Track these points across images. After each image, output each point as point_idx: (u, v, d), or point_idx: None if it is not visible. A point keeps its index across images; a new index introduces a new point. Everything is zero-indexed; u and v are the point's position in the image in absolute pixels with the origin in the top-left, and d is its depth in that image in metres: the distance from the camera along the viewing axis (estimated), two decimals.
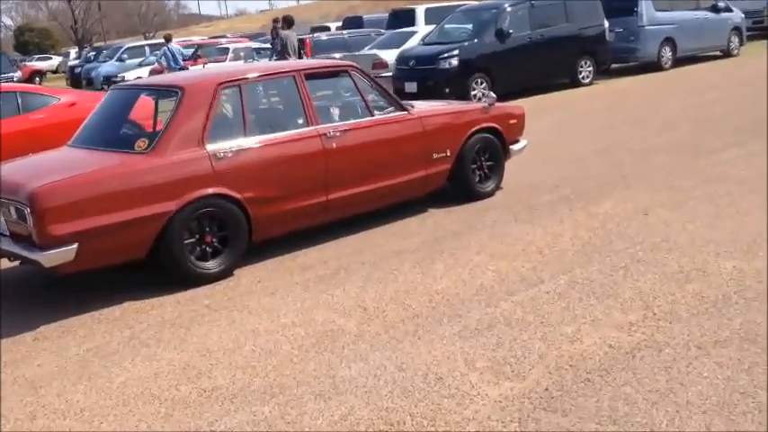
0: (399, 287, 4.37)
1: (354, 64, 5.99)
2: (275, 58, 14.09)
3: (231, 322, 4.00)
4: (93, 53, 30.31)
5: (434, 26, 15.25)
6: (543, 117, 11.22)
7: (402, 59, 13.75)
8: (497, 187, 6.43)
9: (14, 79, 21.61)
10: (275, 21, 15.20)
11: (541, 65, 13.77)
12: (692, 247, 4.63)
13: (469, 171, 6.17)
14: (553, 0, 14.49)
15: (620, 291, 4.03)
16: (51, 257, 4.15)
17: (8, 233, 4.40)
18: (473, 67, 12.98)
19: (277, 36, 14.39)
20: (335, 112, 5.79)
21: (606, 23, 14.82)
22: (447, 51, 13.00)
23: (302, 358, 3.48)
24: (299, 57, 13.44)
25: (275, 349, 3.60)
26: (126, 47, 26.94)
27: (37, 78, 36.39)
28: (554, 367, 3.24)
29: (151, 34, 69.04)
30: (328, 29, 24.96)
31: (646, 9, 15.71)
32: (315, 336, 3.74)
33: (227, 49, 21.19)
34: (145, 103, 5.51)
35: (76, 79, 27.13)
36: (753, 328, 3.43)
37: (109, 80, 23.94)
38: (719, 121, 8.74)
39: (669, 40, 15.99)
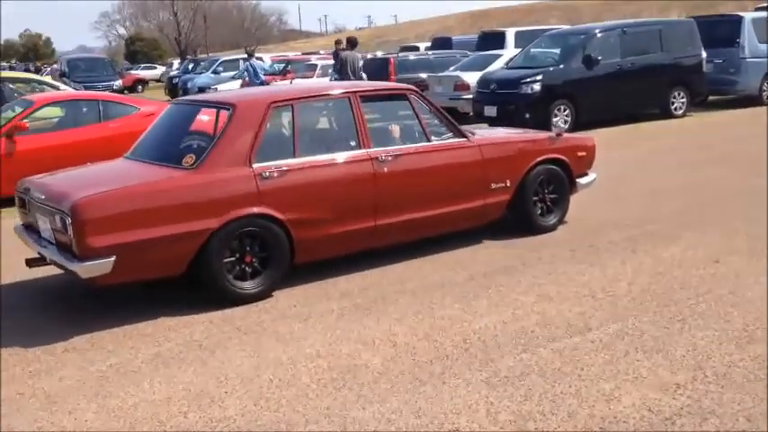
0: (435, 323, 4.17)
1: (413, 87, 5.84)
2: (336, 77, 14.04)
3: (257, 348, 3.90)
4: (192, 65, 31.43)
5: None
6: (625, 149, 10.79)
7: (483, 82, 13.52)
8: (560, 222, 6.12)
9: (113, 87, 22.61)
10: (337, 42, 15.12)
11: (631, 94, 13.23)
12: (762, 302, 4.23)
13: (530, 203, 5.90)
14: (647, 27, 13.97)
15: (672, 346, 3.70)
16: (88, 269, 4.17)
17: (54, 241, 4.47)
18: (556, 94, 12.59)
19: (338, 57, 14.31)
20: (390, 135, 5.66)
21: (704, 54, 14.13)
22: (530, 76, 12.67)
23: (318, 394, 3.34)
24: (359, 77, 13.30)
25: (293, 381, 3.47)
26: (221, 60, 27.77)
27: (139, 87, 38.24)
28: (582, 428, 2.97)
29: (252, 48, 71.36)
30: (417, 49, 24.99)
31: (748, 40, 14.88)
32: (337, 370, 3.59)
33: (316, 65, 21.48)
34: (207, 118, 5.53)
35: (174, 89, 28.14)
36: None
37: (203, 91, 24.77)
38: None
39: None
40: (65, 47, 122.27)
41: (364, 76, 14.02)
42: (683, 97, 13.97)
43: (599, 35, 13.45)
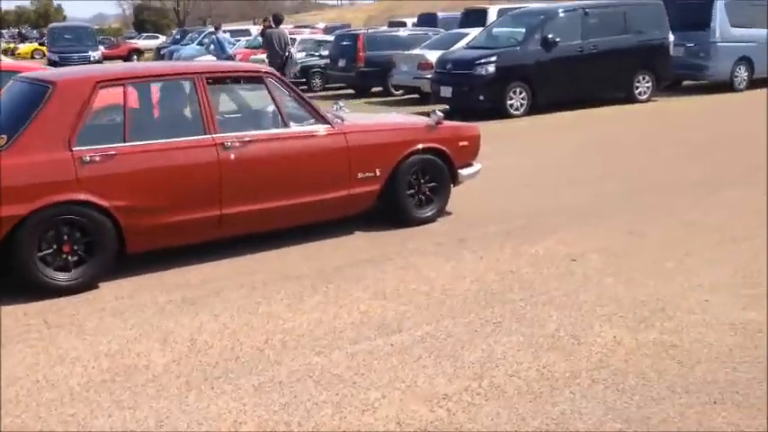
0: (251, 320, 4.06)
1: (271, 70, 5.60)
2: (267, 55, 14.15)
3: (52, 343, 3.81)
4: (179, 35, 31.24)
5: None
6: (565, 135, 10.61)
7: (441, 62, 13.27)
8: (439, 213, 5.95)
9: (91, 59, 22.43)
10: (265, 20, 15.36)
11: (592, 77, 12.93)
12: (588, 306, 4.10)
13: (403, 194, 5.71)
14: (611, 8, 13.64)
15: (468, 352, 3.58)
16: None
17: None
18: (511, 76, 12.33)
19: (264, 35, 14.46)
20: (242, 120, 5.48)
21: (671, 37, 13.80)
22: (484, 57, 12.42)
23: (74, 398, 3.24)
24: (287, 54, 13.54)
25: (59, 383, 3.37)
26: (207, 31, 27.53)
27: (135, 56, 38.07)
28: None
29: (260, 19, 70.75)
30: (404, 24, 24.63)
31: (720, 24, 14.54)
32: (114, 371, 3.50)
33: (295, 40, 21.23)
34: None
35: (162, 60, 28.01)
36: (568, 420, 2.94)
37: None
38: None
39: (745, 60, 14.76)
40: (82, 14, 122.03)
41: (293, 51, 14.20)
42: (647, 82, 13.68)
43: (559, 16, 13.13)
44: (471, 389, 3.23)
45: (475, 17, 18.62)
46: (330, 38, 19.98)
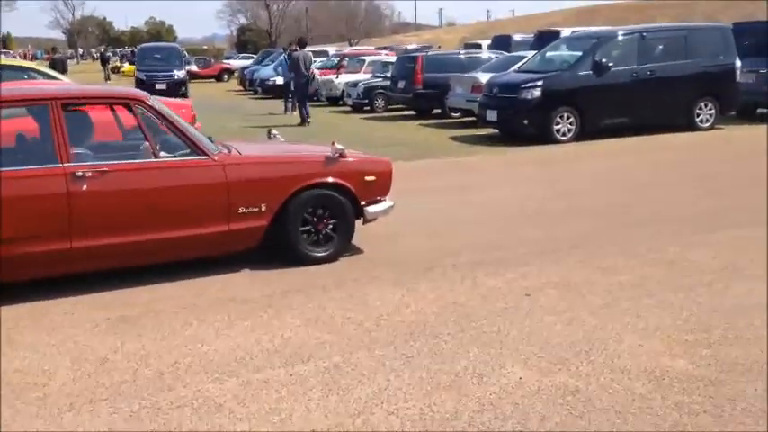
0: (172, 342, 4.09)
1: (141, 96, 5.21)
2: (292, 75, 15.39)
3: None
4: (262, 57, 32.18)
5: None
6: (601, 162, 10.26)
7: (488, 86, 13.12)
8: (339, 252, 5.50)
9: (175, 77, 23.31)
10: (290, 44, 17.09)
11: (648, 104, 12.47)
12: (512, 344, 3.91)
13: (294, 231, 5.30)
14: (671, 33, 13.10)
15: (363, 387, 3.47)
16: None
17: None
18: (558, 101, 12.03)
19: (290, 57, 15.60)
20: (104, 149, 5.24)
21: (738, 62, 13.09)
22: (531, 81, 12.18)
23: None
24: (310, 75, 15.07)
25: None
26: (278, 52, 28.21)
27: (225, 76, 39.55)
28: None
29: (356, 41, 72.05)
30: (479, 46, 24.50)
31: None
32: (13, 386, 3.60)
33: (364, 61, 21.52)
34: None
35: (245, 80, 28.96)
36: None
37: (263, 84, 25.34)
38: None
39: None
40: (195, 35, 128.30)
41: (316, 73, 15.82)
42: (710, 109, 13.04)
43: (614, 40, 12.76)
44: (343, 425, 3.14)
45: (548, 39, 18.31)
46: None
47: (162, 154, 5.05)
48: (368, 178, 5.60)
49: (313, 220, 5.41)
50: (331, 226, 5.48)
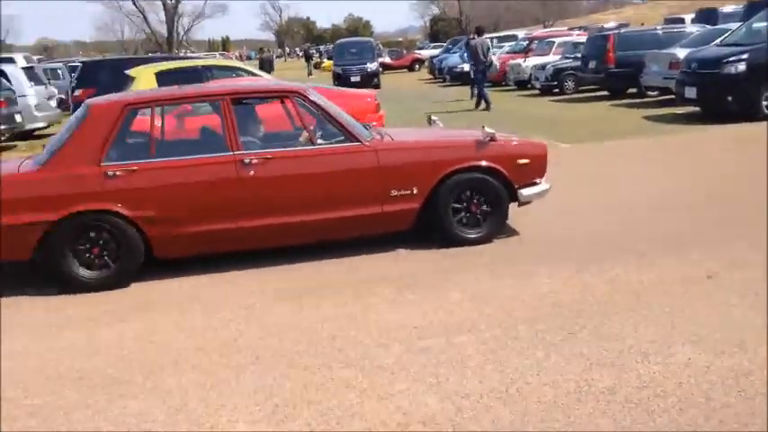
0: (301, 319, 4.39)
1: (299, 89, 5.55)
2: (472, 63, 15.69)
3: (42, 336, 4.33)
4: (451, 45, 32.36)
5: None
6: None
7: (687, 61, 12.26)
8: (492, 234, 5.53)
9: (368, 70, 24.10)
10: (470, 32, 16.72)
11: None
12: (676, 327, 3.74)
13: (446, 213, 5.40)
14: None
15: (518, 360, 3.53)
16: None
17: None
18: (767, 75, 11.00)
19: (468, 45, 15.86)
20: (267, 138, 5.64)
21: None
22: (734, 54, 11.24)
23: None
24: (488, 61, 15.34)
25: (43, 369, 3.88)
26: (465, 40, 28.14)
27: (416, 66, 40.32)
28: None
29: (550, 22, 70.18)
30: (682, 21, 22.98)
31: None
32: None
33: (553, 43, 20.98)
34: None
35: (434, 69, 29.38)
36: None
37: (451, 71, 25.55)
38: None
39: None
40: (388, 28, 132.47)
41: (494, 59, 16.18)
42: None
43: None
44: (496, 391, 3.22)
45: (759, 9, 16.76)
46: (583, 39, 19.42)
47: (319, 141, 5.39)
48: (521, 161, 5.57)
49: (465, 202, 5.48)
50: (484, 208, 5.51)
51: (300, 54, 72.85)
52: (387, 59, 40.58)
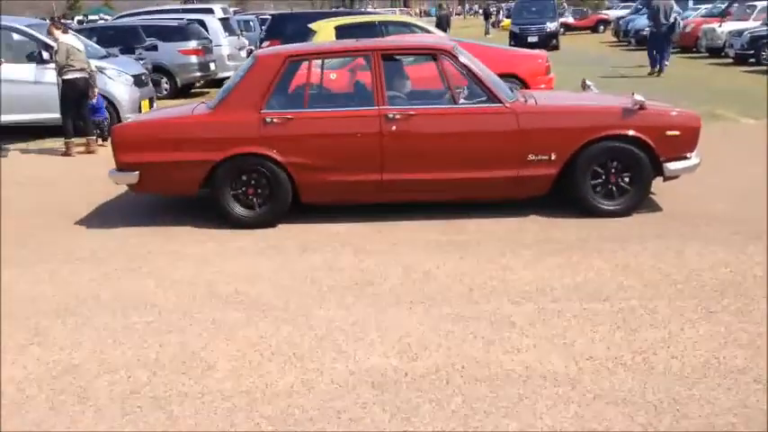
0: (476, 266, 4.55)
1: (447, 47, 5.60)
2: (651, 24, 15.02)
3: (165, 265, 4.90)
4: (641, 5, 30.49)
5: None
6: None
7: None
8: (632, 207, 5.36)
9: (546, 30, 23.46)
10: None
11: None
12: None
13: (584, 182, 5.30)
14: None
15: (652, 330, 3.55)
16: (118, 177, 5.67)
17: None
18: None
19: (650, 5, 14.99)
20: (413, 95, 5.75)
21: None
22: None
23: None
24: (671, 24, 14.77)
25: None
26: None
27: (601, 27, 38.52)
28: None
29: None
30: None
31: None
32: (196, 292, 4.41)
33: (755, 6, 19.31)
34: None
35: (619, 30, 28.01)
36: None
37: (637, 34, 24.24)
38: None
39: None
40: None
41: (679, 20, 14.75)
42: None
43: None
44: (622, 359, 3.28)
45: None
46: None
47: (461, 101, 5.47)
48: (670, 132, 5.30)
49: (605, 172, 5.34)
50: (626, 179, 5.35)
51: (480, 12, 71.92)
52: (569, 19, 39.17)
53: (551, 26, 24.20)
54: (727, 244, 4.73)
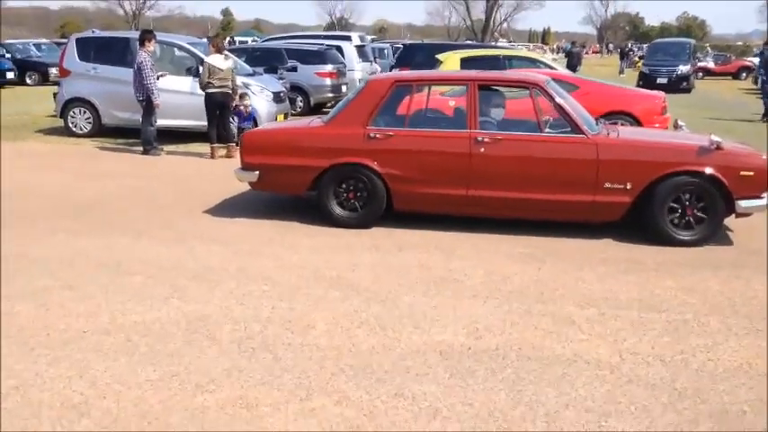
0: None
1: (540, 81, 6.17)
2: (762, 73, 15.09)
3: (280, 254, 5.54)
4: None
5: None
6: None
7: None
8: (703, 239, 5.76)
9: (678, 72, 23.18)
10: (765, 43, 16.25)
11: None
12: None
13: (659, 212, 5.72)
14: None
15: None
16: (241, 175, 6.60)
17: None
18: None
19: (763, 55, 15.01)
20: (503, 122, 6.34)
21: None
22: None
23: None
24: None
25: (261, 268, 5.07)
26: None
27: (743, 74, 37.17)
28: None
29: None
30: None
31: None
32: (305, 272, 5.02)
33: None
34: None
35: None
36: None
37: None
38: None
39: None
40: (729, 31, 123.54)
41: None
42: None
43: None
44: (663, 357, 3.72)
45: None
46: None
47: (547, 130, 6.06)
48: (744, 173, 5.68)
49: (681, 205, 5.74)
50: (699, 213, 5.74)
51: (616, 51, 70.77)
52: (710, 64, 38.10)
53: (683, 69, 23.90)
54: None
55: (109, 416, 3.16)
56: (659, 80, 22.87)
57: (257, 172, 6.48)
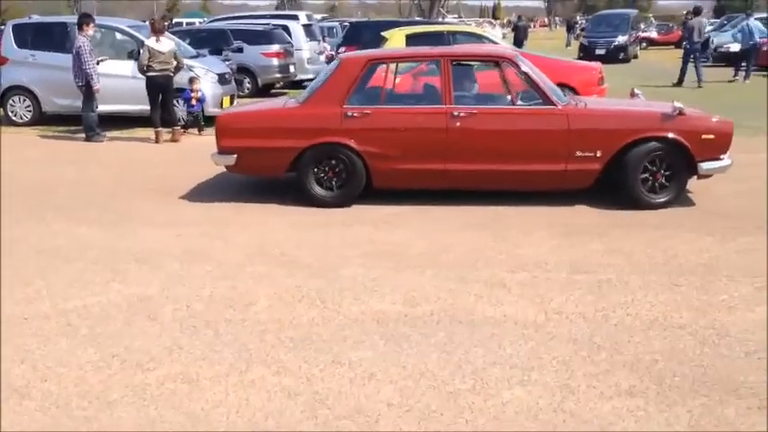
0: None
1: (509, 55, 6.36)
2: (686, 41, 16.28)
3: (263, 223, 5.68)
4: (726, 21, 30.09)
5: None
6: None
7: None
8: (669, 201, 6.03)
9: (615, 43, 23.63)
10: (686, 13, 17.40)
11: None
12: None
13: (632, 178, 5.95)
14: None
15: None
16: (218, 159, 6.58)
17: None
18: None
19: (685, 25, 16.36)
20: (476, 96, 6.48)
21: None
22: None
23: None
24: (703, 40, 15.80)
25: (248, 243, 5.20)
26: (741, 18, 26.07)
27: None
28: None
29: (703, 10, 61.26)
30: None
31: None
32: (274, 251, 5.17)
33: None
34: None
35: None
36: None
37: (716, 50, 24.03)
38: None
39: None
40: (675, 1, 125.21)
41: (710, 37, 15.88)
42: None
43: None
44: (582, 312, 3.93)
45: None
46: None
47: (519, 102, 6.21)
48: (705, 136, 5.95)
49: (648, 169, 5.99)
50: (664, 176, 6.01)
51: (563, 24, 71.43)
52: (653, 34, 38.79)
53: (621, 39, 24.35)
54: (720, 234, 5.27)
55: (50, 397, 3.24)
56: (598, 51, 23.29)
57: (235, 155, 6.49)
